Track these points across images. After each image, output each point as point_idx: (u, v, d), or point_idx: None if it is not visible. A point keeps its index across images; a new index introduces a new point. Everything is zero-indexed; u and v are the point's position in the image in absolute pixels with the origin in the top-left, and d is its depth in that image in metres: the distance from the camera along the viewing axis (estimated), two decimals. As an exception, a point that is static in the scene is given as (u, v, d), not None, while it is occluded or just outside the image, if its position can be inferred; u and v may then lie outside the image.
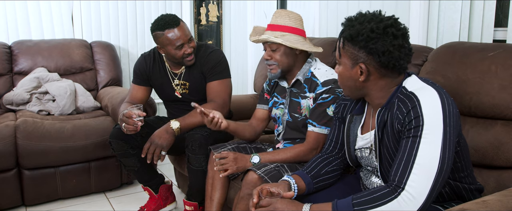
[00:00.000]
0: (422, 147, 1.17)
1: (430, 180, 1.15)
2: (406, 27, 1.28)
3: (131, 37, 3.70)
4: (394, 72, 1.29)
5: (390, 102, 1.30)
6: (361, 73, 1.29)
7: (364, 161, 1.46)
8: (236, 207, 1.81)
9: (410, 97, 1.23)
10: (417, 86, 1.27)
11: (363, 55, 1.26)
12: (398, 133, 1.25)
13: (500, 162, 1.58)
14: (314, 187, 1.51)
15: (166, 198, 2.47)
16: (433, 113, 1.18)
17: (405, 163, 1.18)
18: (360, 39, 1.25)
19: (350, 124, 1.47)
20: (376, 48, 1.23)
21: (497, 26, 2.05)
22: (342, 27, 1.33)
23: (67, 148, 2.59)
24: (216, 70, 2.25)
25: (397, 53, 1.24)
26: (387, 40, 1.23)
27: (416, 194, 1.15)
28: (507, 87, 1.57)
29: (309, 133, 1.84)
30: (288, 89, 1.97)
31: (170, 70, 2.33)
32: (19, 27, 3.31)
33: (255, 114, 2.13)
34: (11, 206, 2.57)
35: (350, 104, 1.52)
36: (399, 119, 1.24)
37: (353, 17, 1.32)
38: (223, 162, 1.83)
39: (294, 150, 1.84)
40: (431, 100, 1.20)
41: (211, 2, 4.00)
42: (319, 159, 1.58)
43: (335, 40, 2.56)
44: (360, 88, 1.34)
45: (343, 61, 1.32)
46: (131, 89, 2.41)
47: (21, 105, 2.96)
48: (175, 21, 2.13)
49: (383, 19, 1.26)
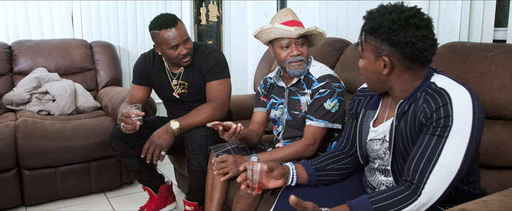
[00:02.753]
0: (446, 149, 1.15)
1: (447, 182, 1.14)
2: (429, 18, 1.23)
3: (131, 37, 3.70)
4: (418, 64, 1.24)
5: (413, 95, 1.26)
6: (384, 66, 1.25)
7: (373, 154, 1.43)
8: (235, 206, 1.81)
9: (441, 93, 1.19)
10: (448, 83, 1.23)
11: (386, 47, 1.23)
12: (420, 126, 1.22)
13: (500, 162, 1.58)
14: (315, 179, 1.49)
15: (166, 198, 2.47)
16: (463, 115, 1.15)
17: (426, 162, 1.16)
18: (382, 31, 1.21)
19: (363, 118, 1.45)
20: (398, 39, 1.19)
21: (497, 26, 2.05)
22: (363, 21, 1.29)
23: (67, 148, 2.58)
24: (215, 70, 2.25)
25: (421, 44, 1.19)
26: (410, 31, 1.19)
27: (432, 194, 1.14)
28: (507, 87, 1.57)
29: (307, 128, 1.85)
30: (287, 89, 1.97)
31: (169, 70, 2.33)
32: (19, 27, 3.31)
33: (254, 119, 2.13)
34: (11, 206, 2.57)
35: (364, 100, 1.50)
36: (425, 112, 1.20)
37: (374, 10, 1.27)
38: (224, 165, 1.82)
39: (292, 147, 1.84)
40: (464, 102, 1.17)
41: (211, 2, 4.00)
42: (329, 155, 1.55)
43: (335, 40, 2.57)
44: (384, 81, 1.30)
45: (366, 55, 1.29)
46: (131, 89, 2.41)
47: (21, 105, 2.96)
48: (172, 21, 2.12)
49: (404, 10, 1.21)
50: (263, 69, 2.95)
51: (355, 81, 2.28)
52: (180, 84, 2.32)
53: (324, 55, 2.50)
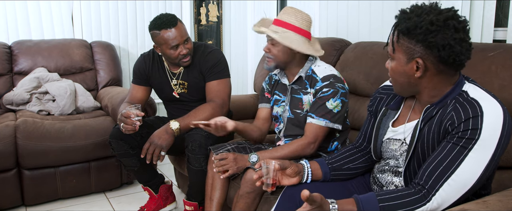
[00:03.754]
0: (467, 161, 1.12)
1: (460, 193, 1.13)
2: (466, 20, 1.18)
3: (131, 37, 3.70)
4: (451, 68, 1.20)
5: (442, 101, 1.23)
6: (417, 69, 1.20)
7: (388, 154, 1.41)
8: (235, 206, 1.81)
9: (473, 104, 1.15)
10: (481, 94, 1.19)
11: (421, 49, 1.17)
12: (444, 134, 1.19)
13: (500, 162, 1.57)
14: (330, 178, 1.48)
15: (166, 198, 2.47)
16: (492, 131, 1.12)
17: (443, 170, 1.14)
18: (419, 32, 1.16)
19: (383, 117, 1.43)
20: (436, 41, 1.14)
21: (497, 26, 2.05)
22: (396, 20, 1.23)
23: (67, 148, 2.58)
24: (215, 70, 2.25)
25: (458, 48, 1.14)
26: (448, 33, 1.14)
27: (442, 202, 1.13)
28: (507, 87, 1.57)
29: (307, 126, 1.85)
30: (289, 86, 1.97)
31: (169, 70, 2.33)
32: (19, 27, 3.30)
33: (259, 114, 2.13)
34: (11, 206, 2.57)
35: (386, 98, 1.47)
36: (453, 120, 1.16)
37: (408, 9, 1.21)
38: (223, 163, 1.83)
39: (292, 145, 1.84)
40: (495, 116, 1.13)
41: (211, 2, 4.00)
42: (346, 153, 1.54)
43: (335, 40, 2.57)
44: (414, 85, 1.25)
45: (397, 56, 1.23)
46: (130, 89, 2.41)
47: (21, 105, 2.96)
48: (172, 21, 2.12)
49: (442, 11, 1.17)
50: (263, 69, 2.95)
51: (355, 81, 2.28)
52: (179, 84, 2.32)
53: (324, 55, 2.49)
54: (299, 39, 1.86)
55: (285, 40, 1.84)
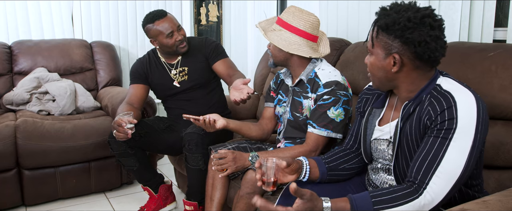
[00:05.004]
0: (450, 151, 1.16)
1: (450, 184, 1.15)
2: (442, 19, 1.24)
3: (131, 37, 3.70)
4: (427, 65, 1.25)
5: (419, 96, 1.27)
6: (394, 64, 1.25)
7: (377, 154, 1.43)
8: (235, 206, 1.81)
9: (446, 96, 1.20)
10: (453, 86, 1.24)
11: (398, 45, 1.22)
12: (425, 129, 1.23)
13: (500, 162, 1.58)
14: (327, 178, 1.49)
15: (166, 198, 2.47)
16: (468, 118, 1.16)
17: (429, 163, 1.17)
18: (396, 28, 1.21)
19: (369, 116, 1.45)
20: (412, 37, 1.19)
21: (497, 26, 2.05)
22: (376, 16, 1.28)
23: (67, 148, 2.58)
24: (218, 50, 2.40)
25: (434, 45, 1.20)
26: (424, 30, 1.19)
27: (435, 196, 1.15)
28: (507, 87, 1.57)
29: (309, 134, 1.83)
30: (291, 88, 1.96)
31: (165, 62, 2.40)
32: (19, 27, 3.30)
33: (263, 114, 2.13)
34: (11, 206, 2.57)
35: (371, 98, 1.50)
36: (430, 115, 1.21)
37: (388, 7, 1.26)
38: (222, 162, 1.82)
39: (293, 150, 1.82)
40: (468, 104, 1.17)
41: (211, 2, 4.00)
42: (340, 153, 1.55)
43: (335, 40, 2.57)
44: (391, 79, 1.30)
45: (376, 51, 1.28)
46: (129, 89, 2.41)
47: (21, 105, 2.96)
48: (162, 13, 2.29)
49: (420, 9, 1.22)
50: (263, 69, 2.95)
51: (355, 81, 2.27)
52: (179, 72, 2.38)
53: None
54: (298, 40, 1.82)
55: (273, 38, 1.83)
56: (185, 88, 2.38)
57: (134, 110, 2.19)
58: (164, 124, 2.42)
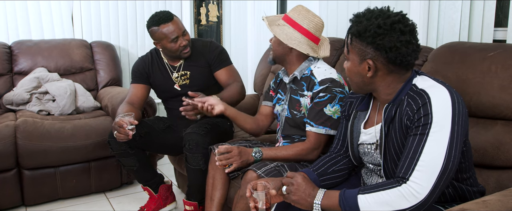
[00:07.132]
0: (428, 145, 1.18)
1: (433, 177, 1.16)
2: (414, 23, 1.28)
3: (131, 37, 3.70)
4: (401, 68, 1.29)
5: (397, 98, 1.30)
6: (369, 69, 1.29)
7: (367, 158, 1.45)
8: (235, 206, 1.81)
9: (421, 94, 1.23)
10: (427, 84, 1.27)
11: (371, 51, 1.27)
12: (406, 129, 1.26)
13: (500, 162, 1.58)
14: (320, 185, 1.49)
15: (166, 198, 2.47)
16: (442, 112, 1.19)
17: (410, 159, 1.19)
18: (368, 35, 1.25)
19: (354, 120, 1.48)
20: (383, 44, 1.24)
21: (497, 26, 2.05)
22: (350, 23, 1.32)
23: (67, 148, 2.58)
24: (222, 57, 2.38)
25: (404, 49, 1.24)
26: (394, 36, 1.23)
27: (419, 189, 1.16)
28: (507, 87, 1.57)
29: (308, 133, 1.83)
30: (288, 86, 1.96)
31: (168, 64, 2.38)
32: (19, 27, 3.31)
33: (260, 110, 2.14)
34: (11, 206, 2.57)
35: (355, 101, 1.52)
36: (408, 115, 1.24)
37: (361, 13, 1.31)
38: (228, 156, 1.80)
39: (296, 148, 1.83)
40: (442, 99, 1.21)
41: (211, 2, 4.00)
42: (326, 158, 1.57)
43: (335, 40, 2.57)
44: (367, 83, 1.34)
45: (351, 57, 1.33)
46: (130, 89, 2.41)
47: (21, 105, 2.96)
48: (168, 16, 2.22)
49: (390, 15, 1.26)
50: (263, 69, 2.95)
51: (355, 81, 2.27)
52: (181, 75, 2.36)
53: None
54: (294, 35, 1.83)
55: (275, 31, 1.84)
56: (186, 92, 2.37)
57: (134, 110, 2.19)
58: (164, 124, 2.42)
